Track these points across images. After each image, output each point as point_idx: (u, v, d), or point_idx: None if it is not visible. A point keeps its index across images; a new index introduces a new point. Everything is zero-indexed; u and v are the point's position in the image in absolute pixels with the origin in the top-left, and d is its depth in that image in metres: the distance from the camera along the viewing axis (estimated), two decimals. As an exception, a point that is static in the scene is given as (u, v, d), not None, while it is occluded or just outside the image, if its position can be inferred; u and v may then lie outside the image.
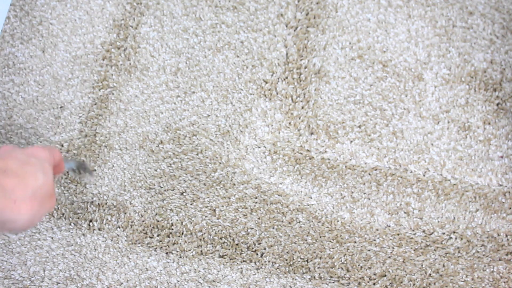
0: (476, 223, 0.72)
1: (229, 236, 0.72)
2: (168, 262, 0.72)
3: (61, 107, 0.76)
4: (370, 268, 0.71)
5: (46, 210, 0.54)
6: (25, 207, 0.49)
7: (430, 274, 0.71)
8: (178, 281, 0.71)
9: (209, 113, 0.76)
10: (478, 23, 0.78)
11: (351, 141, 0.74)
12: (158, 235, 0.72)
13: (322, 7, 0.79)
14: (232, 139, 0.75)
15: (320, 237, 0.72)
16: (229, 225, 0.73)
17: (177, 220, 0.73)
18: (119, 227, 0.73)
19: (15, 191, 0.49)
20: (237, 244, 0.72)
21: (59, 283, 0.71)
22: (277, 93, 0.76)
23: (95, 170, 0.74)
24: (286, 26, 0.78)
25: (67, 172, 0.73)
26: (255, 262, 0.72)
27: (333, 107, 0.76)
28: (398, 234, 0.72)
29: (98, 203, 0.74)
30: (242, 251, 0.72)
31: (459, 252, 0.71)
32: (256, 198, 0.73)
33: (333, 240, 0.72)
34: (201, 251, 0.72)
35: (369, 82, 0.76)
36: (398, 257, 0.71)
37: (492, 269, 0.71)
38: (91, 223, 0.73)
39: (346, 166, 0.74)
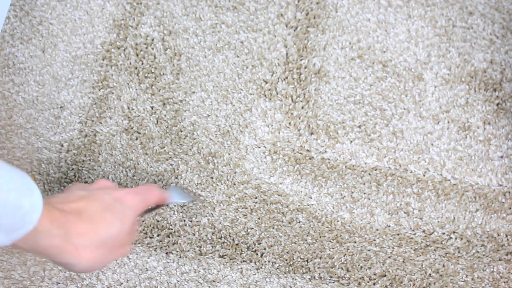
0: (476, 223, 0.72)
1: (229, 236, 0.72)
2: (168, 262, 0.72)
3: (61, 107, 0.76)
4: (370, 268, 0.71)
5: (114, 258, 0.53)
6: (87, 254, 0.48)
7: (430, 274, 0.71)
8: (178, 281, 0.71)
9: (209, 113, 0.76)
10: (478, 23, 0.78)
11: (351, 141, 0.74)
12: (158, 235, 0.72)
13: (322, 7, 0.79)
14: (232, 139, 0.75)
15: (320, 237, 0.72)
16: (229, 225, 0.73)
17: (177, 220, 0.73)
18: (119, 227, 0.73)
19: (81, 236, 0.48)
20: (237, 244, 0.72)
21: (59, 283, 0.71)
22: (277, 93, 0.76)
23: (200, 196, 0.73)
24: (286, 26, 0.78)
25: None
26: (255, 262, 0.72)
27: (333, 107, 0.76)
28: (398, 234, 0.72)
29: (98, 203, 0.73)
30: (242, 251, 0.72)
31: (459, 252, 0.71)
32: (256, 198, 0.73)
33: (333, 240, 0.72)
34: (201, 251, 0.72)
35: (369, 82, 0.76)
36: (398, 257, 0.71)
37: (492, 269, 0.71)
38: (91, 223, 0.73)
39: (346, 166, 0.74)
